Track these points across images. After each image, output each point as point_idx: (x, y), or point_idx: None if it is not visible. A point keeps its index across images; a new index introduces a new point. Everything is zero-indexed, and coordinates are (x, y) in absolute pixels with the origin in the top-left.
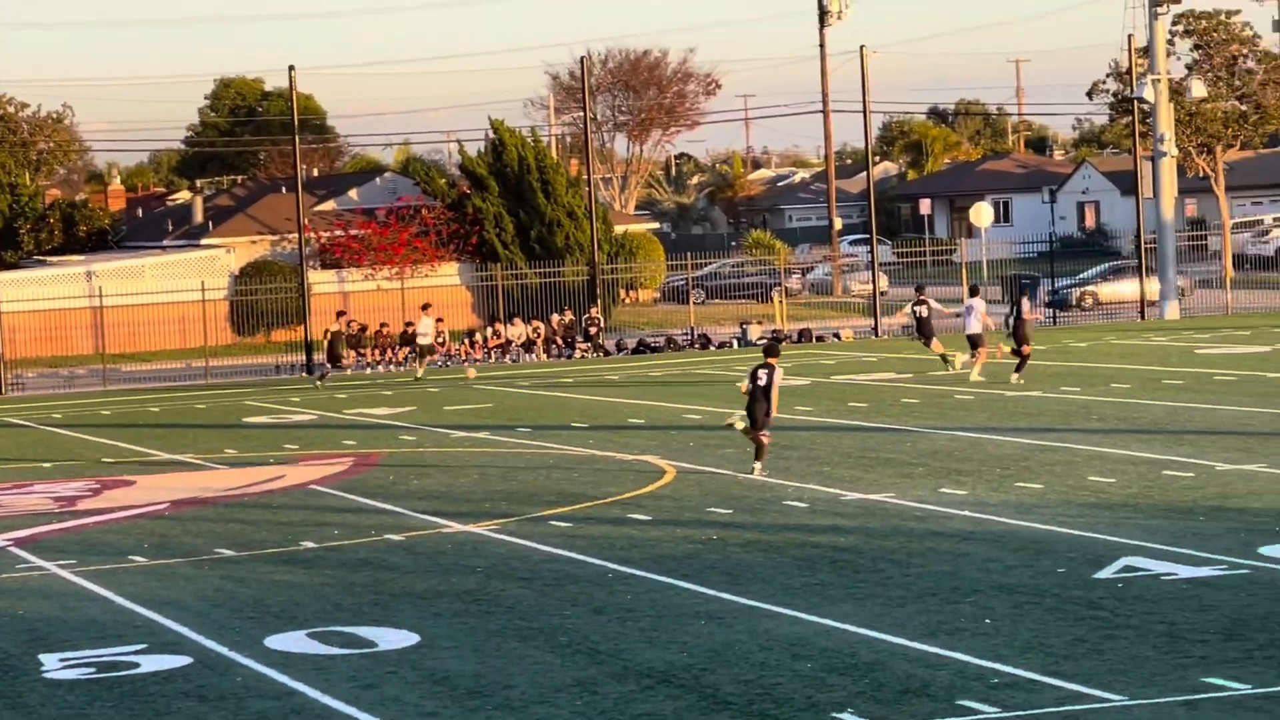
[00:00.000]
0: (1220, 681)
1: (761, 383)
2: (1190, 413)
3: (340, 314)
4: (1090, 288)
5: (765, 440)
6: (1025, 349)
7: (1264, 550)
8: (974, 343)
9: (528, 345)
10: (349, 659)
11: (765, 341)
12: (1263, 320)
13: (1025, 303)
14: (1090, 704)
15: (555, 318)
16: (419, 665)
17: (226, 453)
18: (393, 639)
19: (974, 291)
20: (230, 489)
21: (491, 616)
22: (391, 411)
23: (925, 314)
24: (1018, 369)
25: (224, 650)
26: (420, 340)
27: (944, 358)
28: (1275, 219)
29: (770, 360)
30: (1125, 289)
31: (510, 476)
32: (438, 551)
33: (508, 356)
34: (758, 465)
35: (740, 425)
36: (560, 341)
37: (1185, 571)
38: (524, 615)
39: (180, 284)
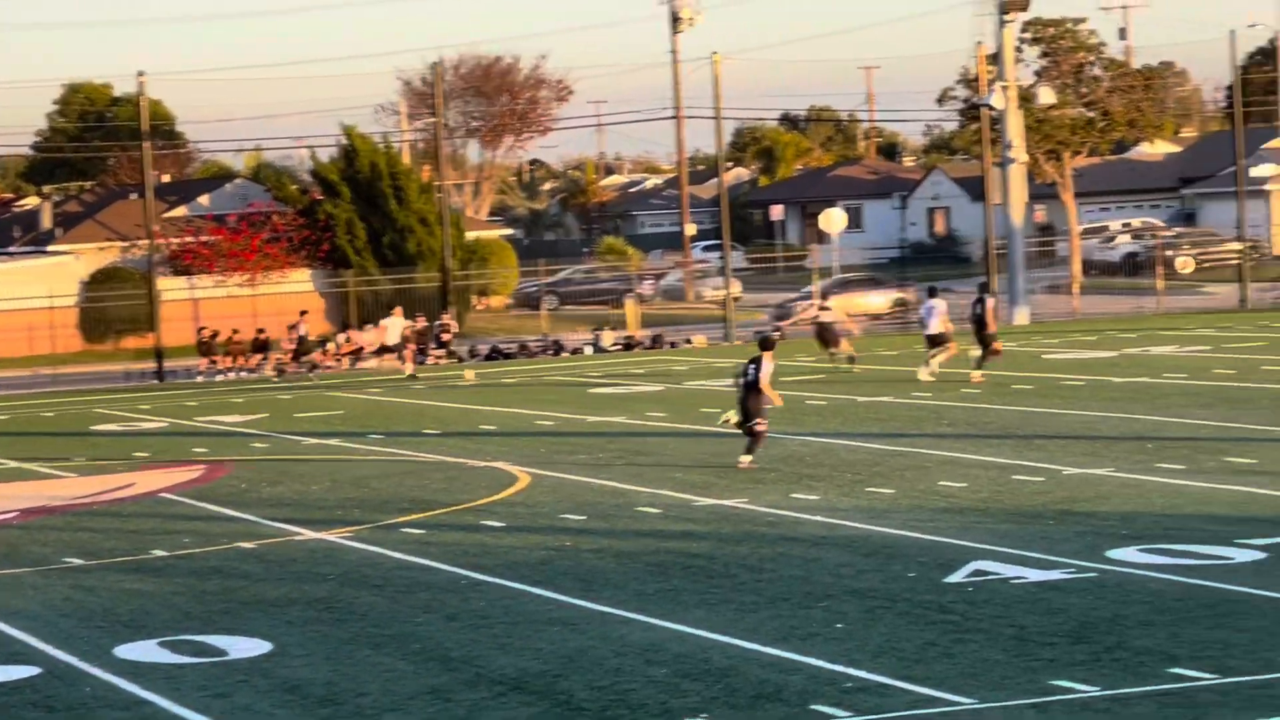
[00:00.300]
0: (1068, 684)
1: (749, 377)
2: (1039, 417)
3: (303, 312)
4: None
5: (760, 429)
6: (996, 345)
7: (1111, 553)
8: (936, 341)
9: (380, 351)
10: (200, 668)
11: (760, 335)
12: (1109, 325)
13: (990, 300)
14: (941, 707)
15: (408, 324)
16: (271, 674)
17: (75, 461)
18: (244, 647)
19: (933, 292)
20: (79, 497)
21: (344, 624)
22: (243, 419)
23: (828, 319)
24: (979, 364)
25: (73, 660)
26: (388, 341)
27: (850, 359)
28: (1122, 225)
29: (763, 354)
30: (868, 301)
31: (362, 483)
32: (289, 559)
33: (360, 363)
34: (747, 458)
35: (733, 419)
36: (413, 348)
37: (1034, 575)
38: (376, 623)
39: (27, 291)
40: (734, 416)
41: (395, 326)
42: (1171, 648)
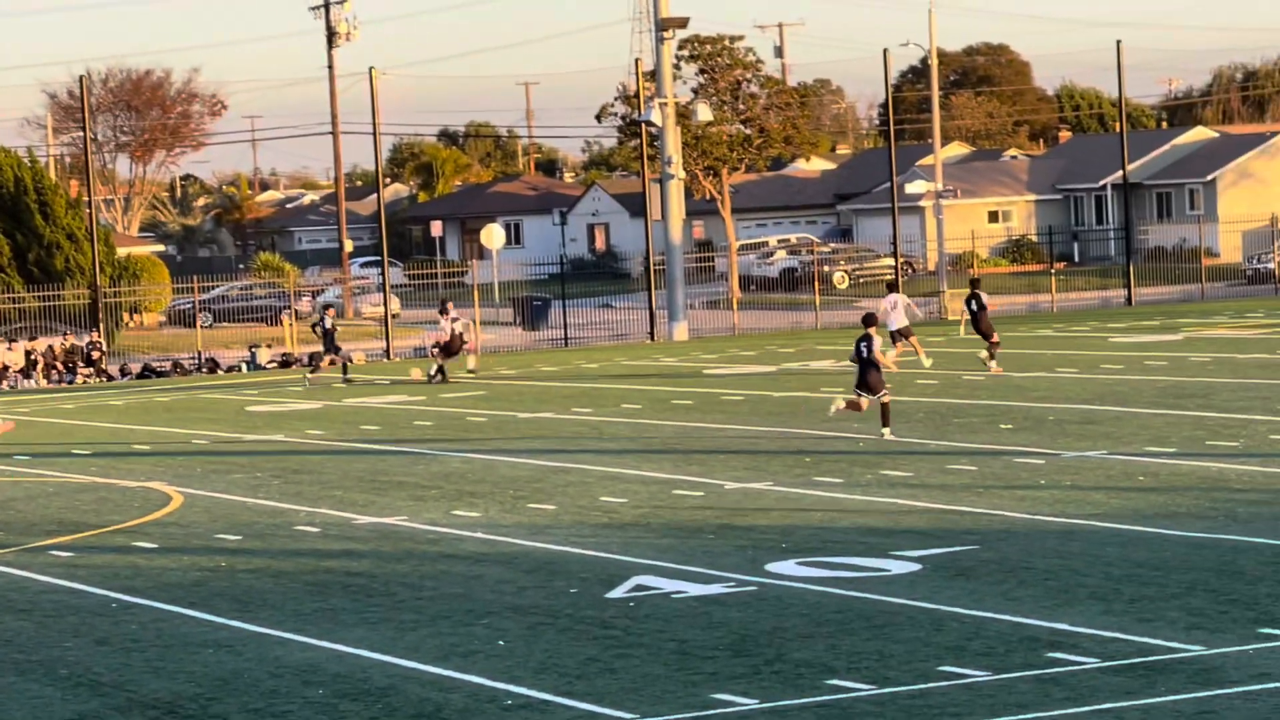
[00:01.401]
0: (729, 697)
1: (865, 354)
2: (700, 433)
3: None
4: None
5: (887, 400)
6: (994, 338)
7: (770, 567)
8: (903, 334)
9: (26, 371)
10: None
11: (866, 313)
12: (768, 340)
13: (983, 296)
14: None
15: (56, 342)
16: None
17: None
18: None
19: (892, 287)
20: None
21: None
22: None
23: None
24: (992, 356)
25: None
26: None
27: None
28: (779, 240)
29: (869, 330)
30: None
31: (7, 505)
32: None
33: (5, 383)
34: (887, 430)
35: (841, 404)
36: (61, 367)
37: (695, 589)
38: (22, 648)
39: None
40: (841, 403)
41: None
42: (830, 659)
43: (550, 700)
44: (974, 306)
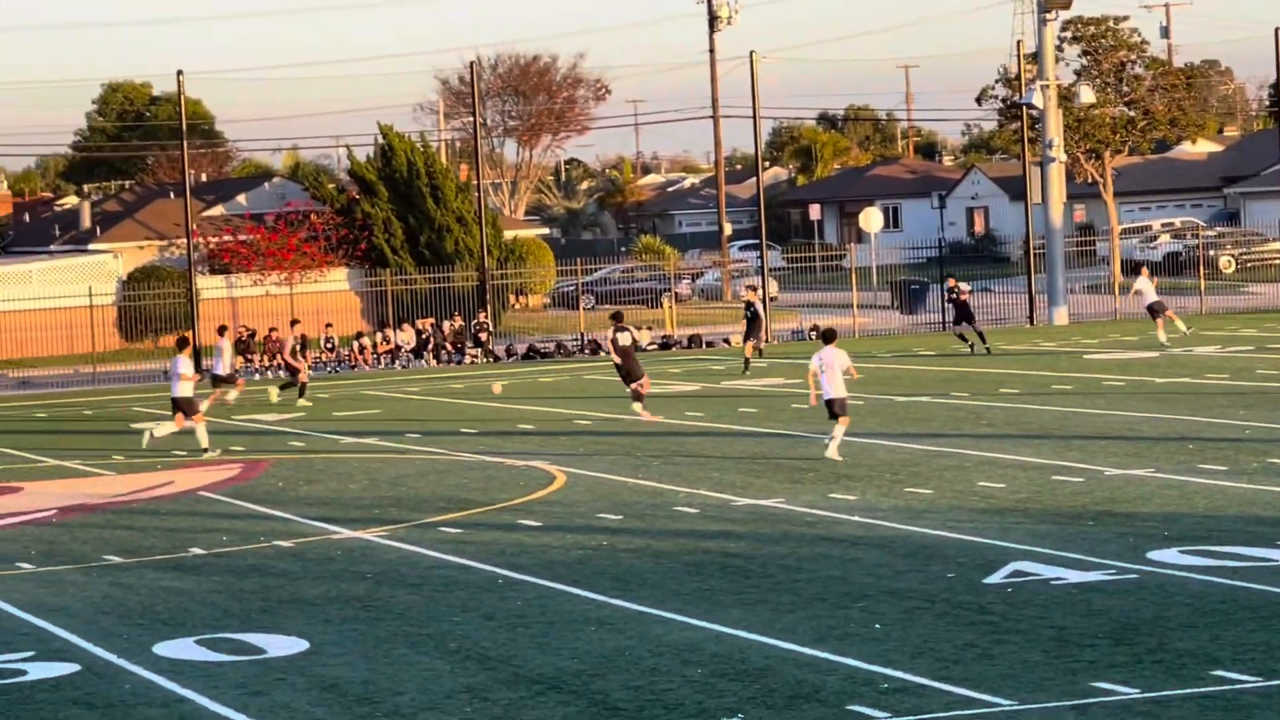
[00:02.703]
0: (1108, 686)
1: None
2: (1079, 418)
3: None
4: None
5: None
6: None
7: (1152, 554)
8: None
9: (417, 351)
10: (237, 666)
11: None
12: (1149, 326)
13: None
14: (979, 709)
15: (446, 324)
16: (308, 672)
17: (114, 459)
18: (281, 645)
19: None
20: (118, 495)
21: (381, 623)
22: (280, 417)
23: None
24: None
25: (112, 657)
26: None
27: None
28: (1163, 225)
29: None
30: None
31: (400, 482)
32: (327, 558)
33: (397, 362)
34: None
35: None
36: (450, 347)
37: (1074, 576)
38: (413, 621)
39: (67, 289)
40: None
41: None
42: (1214, 650)
43: (927, 685)
44: None
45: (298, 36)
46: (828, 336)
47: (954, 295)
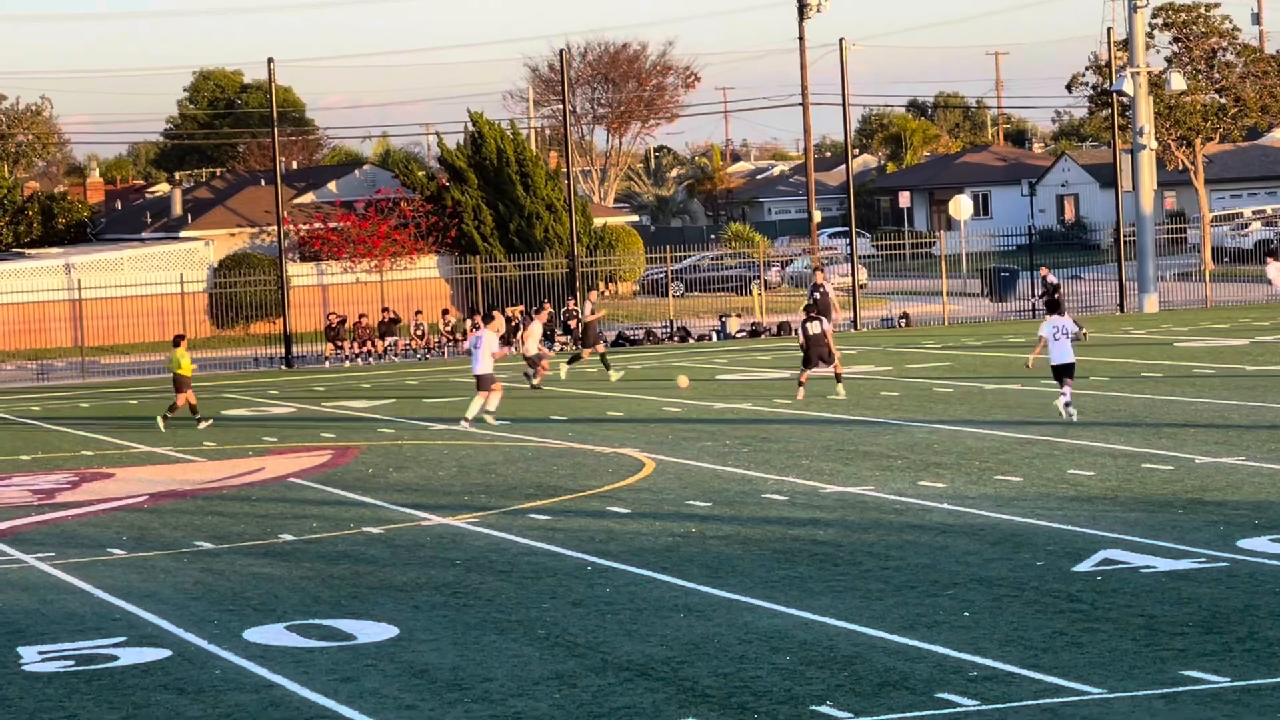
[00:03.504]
0: (1199, 674)
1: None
2: (1169, 406)
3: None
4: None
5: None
6: None
7: (1242, 543)
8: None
9: (507, 339)
10: (328, 651)
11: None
12: (1241, 313)
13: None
14: (1069, 697)
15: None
16: (398, 658)
17: (205, 445)
18: (371, 632)
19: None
20: (209, 481)
21: (470, 609)
22: (370, 404)
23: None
24: None
25: (203, 643)
26: (528, 351)
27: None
28: (1254, 212)
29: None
30: None
31: (489, 469)
32: (416, 544)
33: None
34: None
35: None
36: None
37: (1164, 564)
38: (503, 608)
39: (159, 277)
40: None
41: (535, 335)
42: None
43: (1016, 673)
44: None
45: (388, 24)
46: (1055, 306)
47: (1048, 290)
